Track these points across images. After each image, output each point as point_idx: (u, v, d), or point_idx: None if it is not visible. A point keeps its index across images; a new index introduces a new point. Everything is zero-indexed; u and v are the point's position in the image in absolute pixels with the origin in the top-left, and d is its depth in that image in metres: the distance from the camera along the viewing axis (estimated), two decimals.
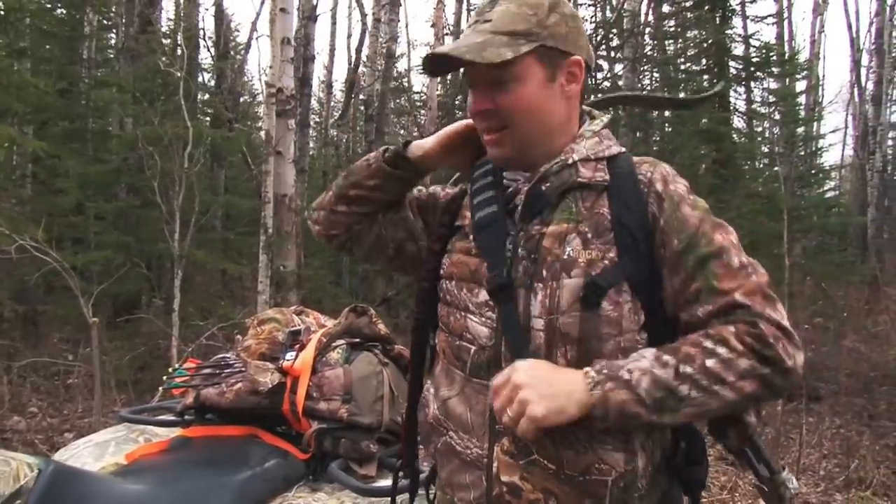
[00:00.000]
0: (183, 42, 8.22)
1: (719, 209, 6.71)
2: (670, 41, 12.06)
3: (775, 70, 11.18)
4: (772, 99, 12.42)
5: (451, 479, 1.30)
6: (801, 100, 14.13)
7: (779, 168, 9.62)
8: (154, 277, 8.31)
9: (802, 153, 12.43)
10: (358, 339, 2.12)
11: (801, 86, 14.08)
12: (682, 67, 11.64)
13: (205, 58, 12.54)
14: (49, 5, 10.04)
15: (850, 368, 7.60)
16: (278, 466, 1.80)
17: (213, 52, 12.53)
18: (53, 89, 8.42)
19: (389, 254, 1.50)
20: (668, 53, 11.80)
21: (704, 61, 10.96)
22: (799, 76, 12.71)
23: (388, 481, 1.83)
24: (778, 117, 12.05)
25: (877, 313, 10.90)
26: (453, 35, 13.23)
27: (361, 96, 14.15)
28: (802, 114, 13.49)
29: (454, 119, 12.08)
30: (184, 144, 6.86)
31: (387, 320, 2.19)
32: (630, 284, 1.17)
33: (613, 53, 10.75)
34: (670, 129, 11.67)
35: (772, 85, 12.76)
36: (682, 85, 11.77)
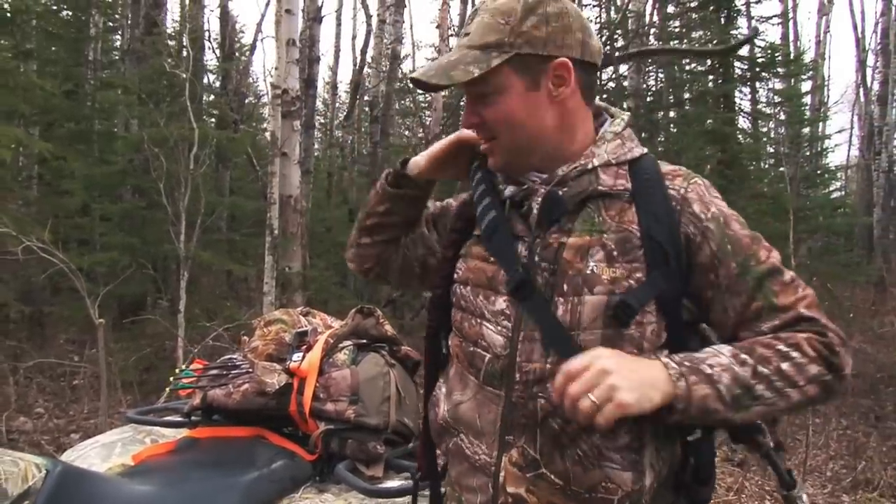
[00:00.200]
0: (188, 43, 8.22)
1: None
2: (675, 42, 12.04)
3: (781, 70, 11.16)
4: (777, 99, 12.40)
5: (461, 480, 1.29)
6: (807, 100, 14.16)
7: (784, 168, 9.59)
8: (160, 278, 8.31)
9: (808, 153, 12.41)
10: (365, 341, 2.12)
11: (806, 86, 14.13)
12: (687, 68, 11.62)
13: (210, 59, 12.60)
14: (55, 7, 10.09)
15: (857, 369, 7.56)
16: (285, 467, 1.80)
17: (219, 53, 12.55)
18: (59, 91, 8.48)
19: (417, 273, 1.51)
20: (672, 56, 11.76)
21: (709, 62, 10.94)
22: (804, 76, 12.74)
23: (395, 482, 1.83)
24: (783, 118, 12.05)
25: (883, 314, 10.88)
26: (457, 36, 13.23)
27: (366, 97, 14.17)
28: (808, 114, 13.50)
29: (459, 119, 12.13)
30: (189, 146, 6.88)
31: (392, 321, 2.18)
32: (658, 302, 1.16)
33: (618, 54, 10.72)
34: (675, 130, 11.66)
35: (777, 85, 12.77)
36: (686, 86, 11.78)
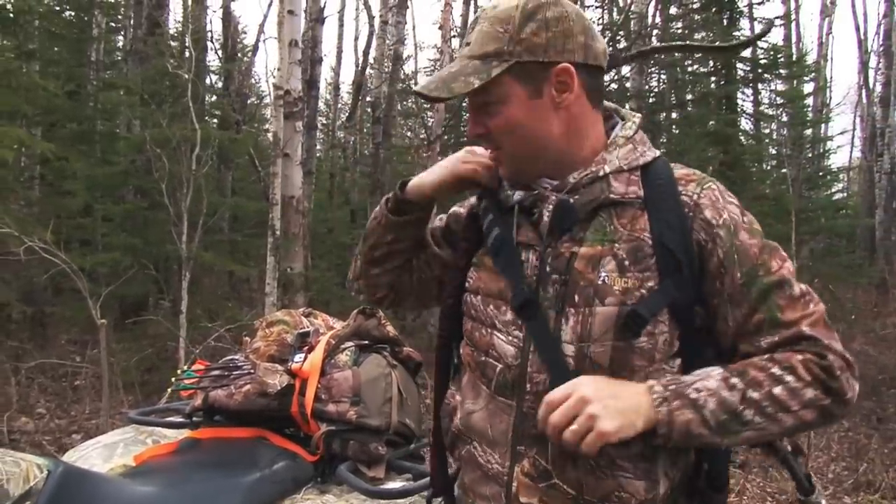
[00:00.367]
0: (191, 44, 8.24)
1: None
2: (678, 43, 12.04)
3: (783, 72, 11.18)
4: (779, 101, 12.41)
5: (474, 487, 1.28)
6: (809, 102, 14.15)
7: (786, 170, 9.60)
8: (162, 279, 8.32)
9: (810, 155, 12.42)
10: (367, 342, 2.11)
11: (808, 88, 14.11)
12: (690, 69, 11.63)
13: (212, 60, 12.62)
14: (58, 8, 10.10)
15: (859, 371, 7.54)
16: (287, 468, 1.80)
17: (221, 54, 12.59)
18: (62, 91, 8.48)
19: (435, 294, 1.48)
20: (676, 56, 11.78)
21: (712, 63, 10.95)
22: (806, 78, 12.72)
23: (397, 483, 1.83)
24: (785, 119, 12.05)
25: (885, 316, 10.88)
26: (460, 37, 13.25)
27: (369, 98, 14.19)
28: (810, 116, 13.51)
29: (461, 121, 12.13)
30: (191, 146, 6.88)
31: (394, 322, 2.18)
32: (671, 311, 1.14)
33: (625, 54, 10.74)
34: (678, 131, 11.66)
35: (779, 87, 12.78)
36: (688, 87, 11.78)
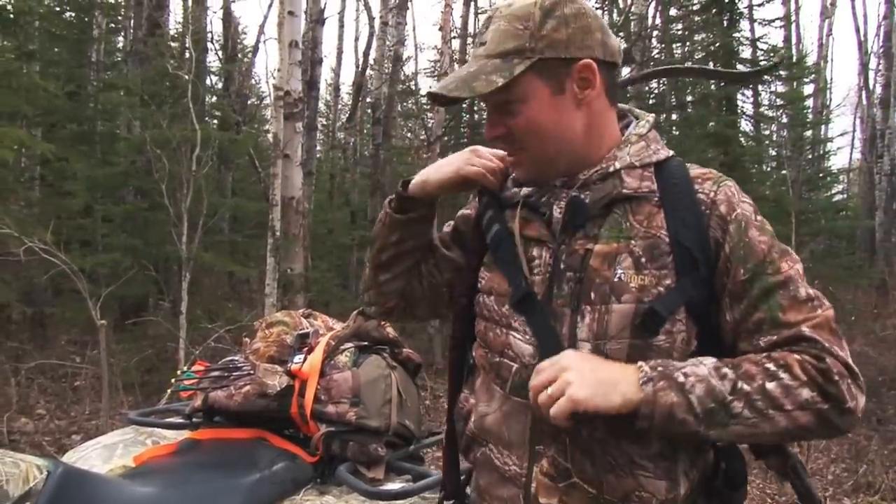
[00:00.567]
0: (191, 45, 8.24)
1: None
2: (678, 44, 12.06)
3: (783, 73, 11.18)
4: (779, 102, 12.41)
5: (490, 490, 1.26)
6: (809, 103, 14.17)
7: (786, 171, 9.62)
8: (162, 280, 8.33)
9: (810, 156, 12.44)
10: (366, 343, 2.11)
11: (808, 89, 14.12)
12: None
13: (213, 61, 12.66)
14: (58, 8, 10.12)
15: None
16: (286, 469, 1.80)
17: (221, 55, 12.61)
18: (62, 92, 8.50)
19: (447, 299, 1.44)
20: (676, 56, 11.80)
21: (712, 64, 10.96)
22: (807, 79, 12.74)
23: (396, 484, 1.83)
24: (785, 121, 12.06)
25: (885, 317, 10.88)
26: (460, 38, 13.26)
27: (369, 99, 14.21)
28: (810, 117, 13.52)
29: (461, 122, 12.14)
30: (191, 147, 6.89)
31: (394, 324, 2.18)
32: (688, 309, 1.12)
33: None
34: (678, 133, 11.66)
35: (779, 88, 12.78)
36: (688, 88, 11.79)
